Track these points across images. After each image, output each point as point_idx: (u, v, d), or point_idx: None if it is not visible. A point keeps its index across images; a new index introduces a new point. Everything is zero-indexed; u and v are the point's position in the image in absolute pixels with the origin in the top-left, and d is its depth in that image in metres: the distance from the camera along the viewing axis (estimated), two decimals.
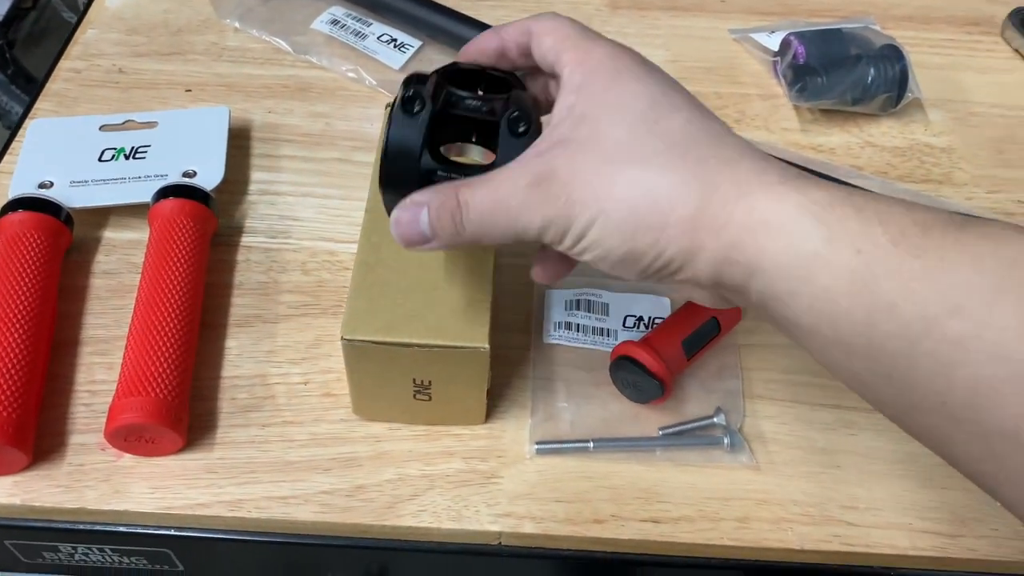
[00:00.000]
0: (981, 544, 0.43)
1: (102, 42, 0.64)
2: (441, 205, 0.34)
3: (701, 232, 0.31)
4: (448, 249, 0.36)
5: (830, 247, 0.29)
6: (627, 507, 0.43)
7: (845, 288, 0.29)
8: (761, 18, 0.69)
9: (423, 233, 0.34)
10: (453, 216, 0.34)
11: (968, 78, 0.66)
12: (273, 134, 0.59)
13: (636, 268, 0.33)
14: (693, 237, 0.31)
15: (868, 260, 0.29)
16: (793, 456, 0.45)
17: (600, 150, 0.33)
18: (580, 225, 0.32)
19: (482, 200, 0.33)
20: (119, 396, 0.43)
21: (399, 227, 0.35)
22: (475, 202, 0.33)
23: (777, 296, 0.31)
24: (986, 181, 0.59)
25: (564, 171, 0.33)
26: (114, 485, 0.43)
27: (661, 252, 0.32)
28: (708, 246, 0.31)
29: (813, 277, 0.30)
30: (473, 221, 0.34)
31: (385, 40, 0.65)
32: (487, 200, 0.33)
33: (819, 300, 0.30)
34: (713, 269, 0.32)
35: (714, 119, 0.34)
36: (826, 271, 0.29)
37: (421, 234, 0.35)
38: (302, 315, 0.49)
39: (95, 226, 0.53)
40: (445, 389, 0.43)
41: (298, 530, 0.43)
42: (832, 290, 0.29)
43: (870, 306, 0.29)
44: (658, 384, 0.44)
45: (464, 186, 0.34)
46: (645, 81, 0.34)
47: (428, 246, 0.35)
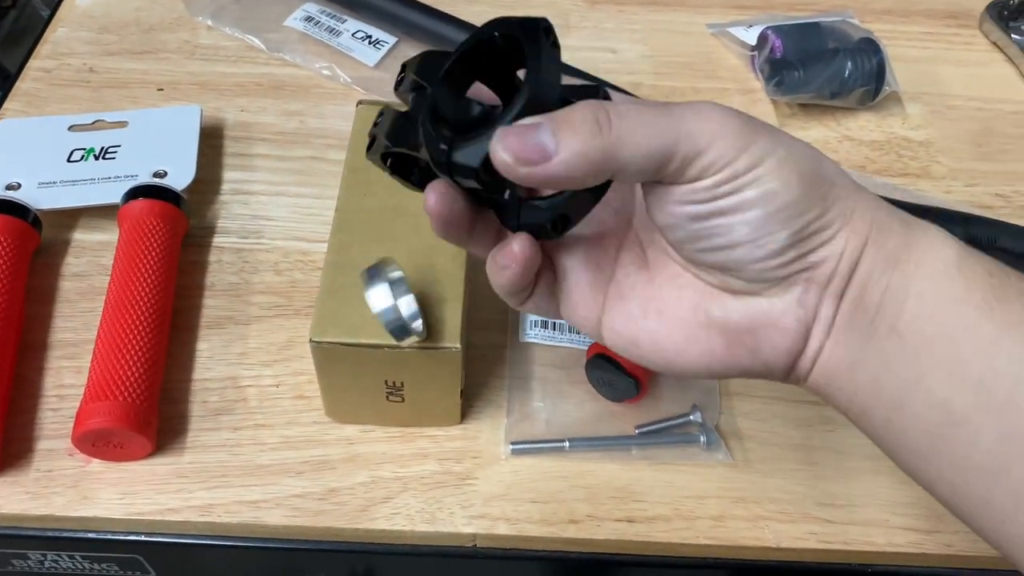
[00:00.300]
0: (957, 539, 0.42)
1: (72, 41, 0.63)
2: (574, 112, 0.28)
3: (861, 203, 0.30)
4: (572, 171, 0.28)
5: (967, 261, 0.29)
6: (603, 507, 0.43)
7: (976, 302, 0.29)
8: (739, 12, 0.69)
9: (543, 146, 0.28)
10: (596, 116, 0.28)
11: (946, 71, 0.66)
12: (246, 133, 0.58)
13: (793, 224, 0.29)
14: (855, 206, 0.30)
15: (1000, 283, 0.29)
16: (770, 453, 0.45)
17: None
18: (755, 153, 0.28)
19: (633, 106, 0.29)
20: (86, 400, 0.42)
21: (507, 145, 0.28)
22: (625, 106, 0.29)
23: (904, 297, 0.29)
24: (964, 174, 0.59)
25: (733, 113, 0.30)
26: (82, 491, 0.42)
27: (829, 207, 0.29)
28: (866, 217, 0.30)
29: (946, 284, 0.29)
30: (625, 119, 0.28)
31: (360, 37, 0.64)
32: (639, 106, 0.29)
33: (945, 307, 0.29)
34: (862, 245, 0.30)
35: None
36: (960, 280, 0.29)
37: (541, 147, 0.28)
38: (274, 316, 0.49)
39: (64, 228, 0.52)
40: (418, 390, 0.42)
41: (269, 534, 0.42)
42: (962, 300, 0.29)
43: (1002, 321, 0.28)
44: (633, 382, 0.44)
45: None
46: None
47: (548, 167, 0.28)
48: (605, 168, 0.28)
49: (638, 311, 0.33)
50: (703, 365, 0.32)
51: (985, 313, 0.28)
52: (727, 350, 0.31)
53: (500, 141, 0.28)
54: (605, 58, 0.65)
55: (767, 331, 0.31)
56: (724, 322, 0.31)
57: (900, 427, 0.30)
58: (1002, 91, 0.65)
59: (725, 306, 0.31)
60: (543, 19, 0.30)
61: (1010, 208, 0.57)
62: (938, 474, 0.30)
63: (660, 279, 0.33)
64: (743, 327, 0.31)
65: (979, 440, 0.28)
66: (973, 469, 0.29)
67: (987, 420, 0.28)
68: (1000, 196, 0.58)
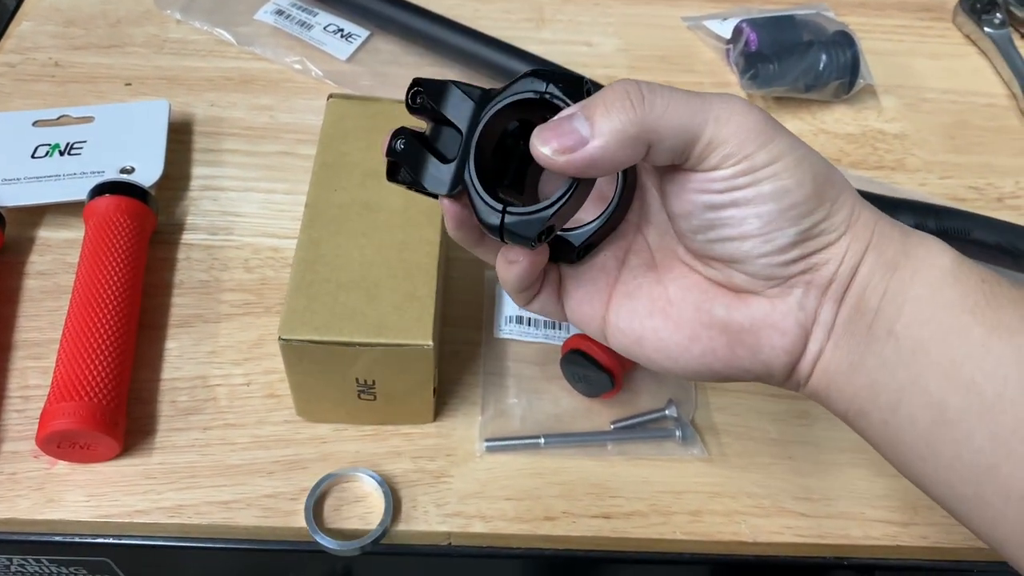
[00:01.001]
0: (932, 531, 0.42)
1: (38, 35, 0.62)
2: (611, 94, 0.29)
3: (864, 212, 0.31)
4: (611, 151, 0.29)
5: (961, 268, 0.30)
6: (579, 503, 0.42)
7: (969, 306, 0.29)
8: (714, 5, 0.69)
9: (578, 132, 0.29)
10: (630, 96, 0.29)
11: (920, 64, 0.66)
12: (216, 128, 0.57)
13: (801, 222, 0.30)
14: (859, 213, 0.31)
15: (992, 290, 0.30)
16: (745, 447, 0.45)
17: None
18: (774, 149, 0.30)
19: (664, 86, 0.30)
20: (51, 401, 0.41)
21: (545, 139, 0.29)
22: (656, 85, 0.30)
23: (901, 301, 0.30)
24: (938, 167, 0.59)
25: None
26: (48, 493, 0.41)
27: (836, 211, 0.30)
28: (869, 224, 0.31)
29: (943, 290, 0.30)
30: (658, 95, 0.29)
31: (332, 30, 0.63)
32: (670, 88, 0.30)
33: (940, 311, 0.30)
34: (863, 250, 0.31)
35: None
36: (955, 287, 0.30)
37: (576, 133, 0.29)
38: (244, 314, 0.48)
39: (29, 225, 0.51)
40: (390, 388, 0.42)
41: (240, 535, 0.42)
42: (956, 305, 0.30)
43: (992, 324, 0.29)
44: (608, 377, 0.43)
45: None
46: None
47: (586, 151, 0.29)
48: (642, 141, 0.29)
49: (644, 310, 0.34)
50: (705, 365, 0.33)
51: (977, 317, 0.29)
52: (728, 350, 0.32)
53: (537, 137, 0.29)
54: (580, 51, 0.65)
55: (768, 332, 0.31)
56: (726, 321, 0.32)
57: (897, 429, 0.31)
58: (975, 84, 0.65)
59: (728, 305, 0.32)
60: (585, 78, 0.31)
61: (983, 200, 0.57)
62: (934, 475, 0.30)
63: (667, 279, 0.34)
64: (744, 327, 0.32)
65: (971, 440, 0.29)
66: (966, 468, 0.29)
67: (978, 420, 0.29)
68: (974, 188, 0.58)
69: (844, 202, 0.31)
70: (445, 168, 0.33)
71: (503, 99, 0.32)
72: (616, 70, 0.63)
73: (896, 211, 0.49)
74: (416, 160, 0.33)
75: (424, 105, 0.33)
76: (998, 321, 0.29)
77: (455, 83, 0.33)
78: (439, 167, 0.33)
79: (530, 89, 0.31)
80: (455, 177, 0.32)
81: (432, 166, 0.33)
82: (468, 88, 0.33)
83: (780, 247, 0.30)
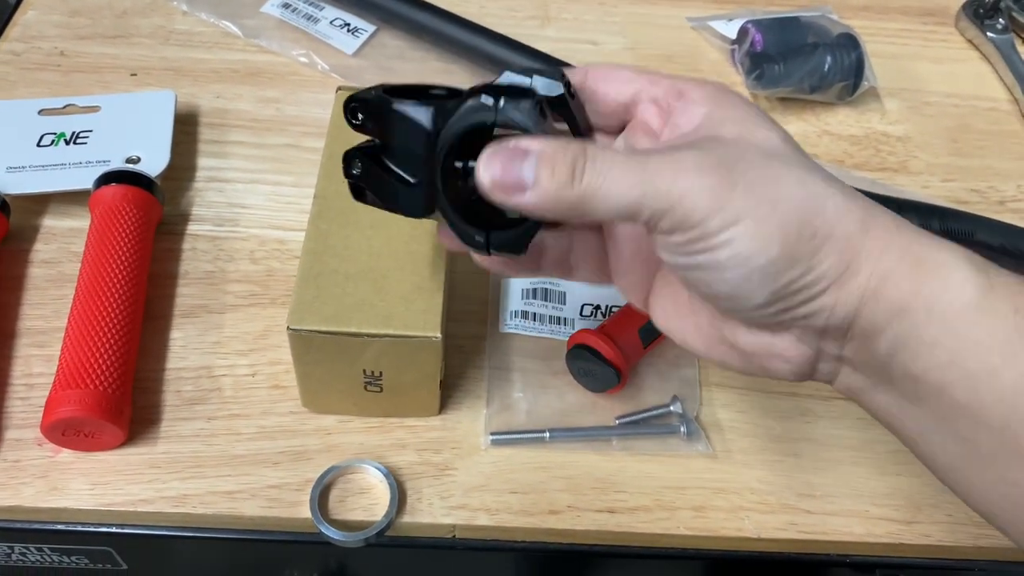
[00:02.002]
0: (935, 530, 0.43)
1: (43, 24, 0.62)
2: (561, 148, 0.29)
3: (862, 254, 0.28)
4: (542, 209, 0.29)
5: (989, 299, 0.27)
6: (583, 497, 0.42)
7: (999, 346, 0.27)
8: (719, 6, 0.69)
9: (522, 179, 0.28)
10: (575, 163, 0.28)
11: (923, 68, 0.66)
12: (222, 120, 0.57)
13: (772, 284, 0.28)
14: (853, 257, 0.28)
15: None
16: (750, 444, 0.45)
17: (756, 146, 0.29)
18: (730, 213, 0.27)
19: (614, 157, 0.29)
20: (56, 389, 0.41)
21: (490, 168, 0.29)
22: (605, 156, 0.29)
23: (916, 345, 0.28)
24: (941, 169, 0.59)
25: (717, 150, 0.29)
26: (52, 481, 0.41)
27: (815, 265, 0.28)
28: (863, 271, 0.28)
29: (964, 327, 0.27)
30: (596, 175, 0.28)
31: (338, 24, 0.63)
32: (618, 157, 0.29)
33: (964, 353, 0.27)
34: (856, 303, 0.28)
35: None
36: (981, 323, 0.27)
37: (519, 179, 0.28)
38: (250, 305, 0.48)
39: (34, 214, 0.51)
40: (397, 380, 0.42)
41: (245, 525, 0.41)
42: (983, 344, 0.27)
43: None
44: (614, 372, 0.43)
45: (588, 143, 0.29)
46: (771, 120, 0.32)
47: (520, 199, 0.29)
48: (572, 215, 0.29)
49: (672, 309, 0.34)
50: (725, 366, 0.33)
51: (1007, 360, 0.27)
52: (742, 362, 0.33)
53: (486, 162, 0.29)
54: (586, 49, 0.65)
55: (773, 359, 0.31)
56: (734, 343, 0.32)
57: (929, 448, 0.30)
58: (978, 88, 0.65)
59: (734, 331, 0.32)
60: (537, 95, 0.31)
61: (985, 203, 0.58)
62: (969, 495, 0.30)
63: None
64: (750, 351, 0.32)
65: (1007, 474, 0.28)
66: (1003, 498, 0.29)
67: (1014, 459, 0.27)
68: (976, 191, 0.58)
69: (830, 251, 0.28)
70: (413, 192, 0.32)
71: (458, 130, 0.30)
72: None
73: (901, 212, 0.49)
74: (379, 182, 0.32)
75: (365, 124, 0.32)
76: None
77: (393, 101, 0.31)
78: (406, 192, 0.32)
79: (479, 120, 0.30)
80: (426, 201, 0.32)
81: (400, 189, 0.32)
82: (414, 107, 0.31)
83: (756, 304, 0.29)
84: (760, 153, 0.29)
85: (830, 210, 0.28)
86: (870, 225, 0.28)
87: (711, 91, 0.32)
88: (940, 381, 0.28)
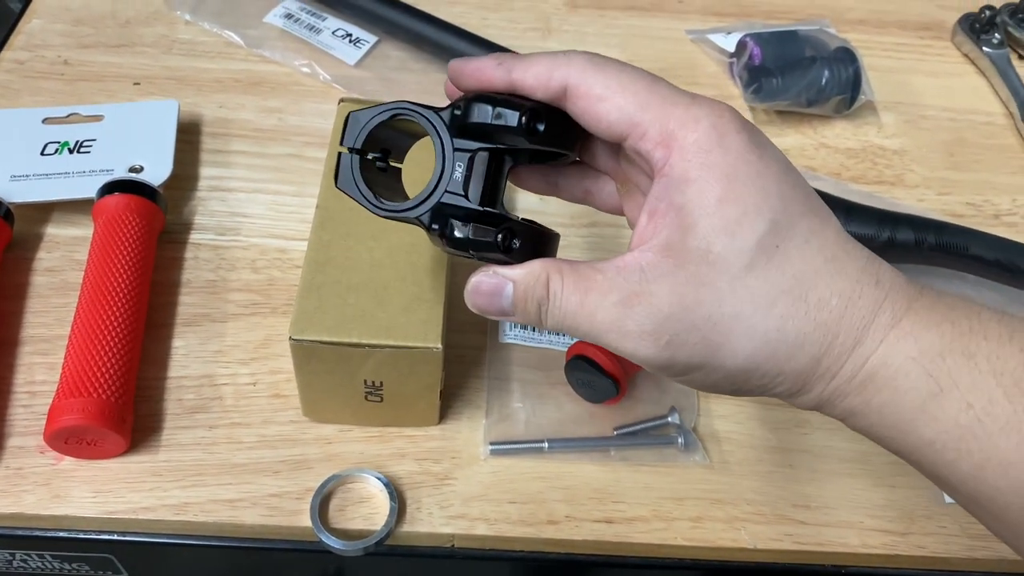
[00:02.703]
0: (929, 541, 0.43)
1: (47, 33, 0.62)
2: (530, 288, 0.32)
3: (812, 380, 0.30)
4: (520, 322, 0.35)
5: (937, 402, 0.28)
6: (581, 507, 0.43)
7: (952, 444, 0.28)
8: (718, 19, 0.69)
9: (503, 308, 0.32)
10: (540, 305, 0.31)
11: (919, 82, 0.67)
12: (224, 129, 0.58)
13: (732, 390, 0.31)
14: (804, 384, 0.30)
15: (980, 415, 0.28)
16: (747, 455, 0.45)
17: (712, 283, 0.29)
18: (680, 364, 0.30)
19: (569, 300, 0.31)
20: (59, 397, 0.41)
21: (478, 295, 0.33)
22: (563, 299, 0.31)
23: (877, 436, 0.31)
24: (936, 183, 0.60)
25: (666, 302, 0.29)
26: (54, 489, 0.41)
27: (767, 390, 0.31)
28: (815, 390, 0.30)
29: (916, 430, 0.29)
30: (556, 318, 0.31)
31: (340, 35, 0.64)
32: (574, 302, 0.31)
33: (921, 449, 0.29)
34: (814, 405, 0.31)
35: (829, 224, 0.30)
36: (931, 426, 0.28)
37: (501, 309, 0.32)
38: (251, 314, 0.48)
39: (37, 222, 0.51)
40: (397, 390, 0.42)
41: (245, 534, 0.42)
42: (936, 443, 0.29)
43: (981, 461, 0.28)
44: (612, 383, 0.44)
45: (556, 272, 0.31)
46: (763, 177, 0.29)
47: (504, 319, 0.33)
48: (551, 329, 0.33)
49: None
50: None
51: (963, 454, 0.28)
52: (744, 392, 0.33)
53: (473, 296, 0.33)
54: None
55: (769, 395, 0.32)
56: None
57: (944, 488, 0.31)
58: (973, 102, 0.66)
59: None
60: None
61: (980, 217, 0.58)
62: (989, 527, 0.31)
63: None
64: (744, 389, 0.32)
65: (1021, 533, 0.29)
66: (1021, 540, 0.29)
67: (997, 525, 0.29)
68: (971, 205, 0.59)
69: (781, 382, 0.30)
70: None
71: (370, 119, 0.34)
72: None
73: (897, 226, 0.50)
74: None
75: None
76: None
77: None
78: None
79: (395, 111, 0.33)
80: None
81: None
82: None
83: (728, 390, 0.31)
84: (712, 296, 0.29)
85: (781, 354, 0.29)
86: (824, 355, 0.29)
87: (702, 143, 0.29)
88: (913, 459, 0.30)
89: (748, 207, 0.29)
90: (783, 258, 0.29)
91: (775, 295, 0.29)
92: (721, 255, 0.29)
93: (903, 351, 0.29)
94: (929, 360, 0.28)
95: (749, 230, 0.29)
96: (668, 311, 0.29)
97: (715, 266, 0.29)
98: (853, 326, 0.29)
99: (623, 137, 0.31)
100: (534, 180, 0.38)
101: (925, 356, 0.29)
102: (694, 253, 0.29)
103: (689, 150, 0.29)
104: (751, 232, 0.29)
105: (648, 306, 0.29)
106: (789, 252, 0.29)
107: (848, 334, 0.29)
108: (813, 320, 0.29)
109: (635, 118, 0.30)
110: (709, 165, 0.29)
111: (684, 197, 0.29)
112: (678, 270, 0.29)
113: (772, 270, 0.29)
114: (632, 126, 0.30)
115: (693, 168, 0.29)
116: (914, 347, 0.29)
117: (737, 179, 0.29)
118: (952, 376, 0.28)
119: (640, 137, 0.30)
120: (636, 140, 0.30)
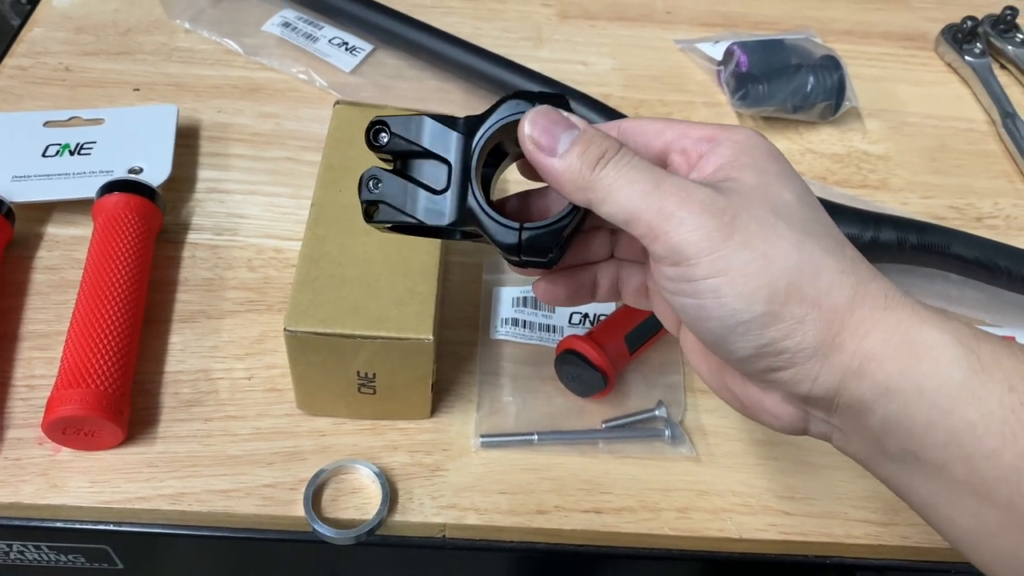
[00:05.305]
0: (913, 531, 0.44)
1: (49, 40, 0.64)
2: (597, 139, 0.30)
3: (847, 331, 0.28)
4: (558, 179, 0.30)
5: (980, 379, 0.27)
6: (570, 498, 0.44)
7: (996, 427, 0.26)
8: (706, 29, 0.71)
9: (556, 144, 0.30)
10: (604, 154, 0.29)
11: (903, 90, 0.68)
12: (222, 133, 0.59)
13: (756, 340, 0.28)
14: (837, 332, 0.28)
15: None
16: (732, 448, 0.46)
17: (769, 199, 0.29)
18: (719, 262, 0.28)
19: (637, 164, 0.29)
20: (58, 388, 0.42)
21: (536, 124, 0.30)
22: (629, 161, 0.29)
23: (908, 425, 0.28)
24: (920, 187, 0.61)
25: (728, 195, 0.29)
26: (51, 479, 0.42)
27: (799, 331, 0.28)
28: (847, 347, 0.28)
29: (959, 409, 0.27)
30: (618, 172, 0.29)
31: (336, 43, 0.65)
32: (642, 166, 0.29)
33: (961, 435, 0.27)
34: (838, 378, 0.28)
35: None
36: (975, 405, 0.26)
37: (554, 143, 0.30)
38: (247, 311, 0.49)
39: (38, 222, 0.52)
40: (390, 382, 0.43)
41: (239, 523, 0.42)
42: (979, 427, 0.26)
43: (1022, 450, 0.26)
44: (600, 376, 0.45)
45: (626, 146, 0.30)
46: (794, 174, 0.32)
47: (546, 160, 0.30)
48: (581, 198, 0.30)
49: (693, 343, 0.34)
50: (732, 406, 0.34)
51: (1008, 440, 0.26)
52: (741, 408, 0.33)
53: (533, 117, 0.30)
54: (577, 70, 0.67)
55: (764, 413, 0.32)
56: (731, 389, 0.33)
57: (937, 519, 0.30)
58: (956, 110, 0.67)
59: (732, 378, 0.33)
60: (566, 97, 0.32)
61: (963, 220, 0.59)
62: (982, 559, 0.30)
63: None
64: (745, 402, 0.33)
65: (1018, 552, 0.27)
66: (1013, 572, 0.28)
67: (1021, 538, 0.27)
68: (953, 208, 0.60)
69: (815, 321, 0.28)
70: (440, 199, 0.33)
71: (496, 122, 0.32)
72: (611, 88, 0.65)
73: (880, 226, 0.51)
74: (401, 197, 0.33)
75: (392, 144, 0.33)
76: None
77: (430, 115, 0.33)
78: (432, 199, 0.33)
79: (519, 112, 0.32)
80: (458, 206, 0.33)
81: (424, 199, 0.33)
82: (445, 118, 0.33)
83: (741, 358, 0.29)
84: (769, 208, 0.29)
85: (823, 279, 0.28)
86: (858, 302, 0.28)
87: (743, 137, 0.32)
88: (939, 459, 0.28)
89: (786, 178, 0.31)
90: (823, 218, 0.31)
91: (819, 233, 0.29)
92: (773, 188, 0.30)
93: (939, 323, 0.28)
94: (969, 337, 0.28)
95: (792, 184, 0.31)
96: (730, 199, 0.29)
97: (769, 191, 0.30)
98: (885, 291, 0.29)
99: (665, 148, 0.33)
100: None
101: (963, 333, 0.28)
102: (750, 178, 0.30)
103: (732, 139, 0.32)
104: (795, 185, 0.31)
105: (715, 189, 0.29)
106: (825, 218, 0.31)
107: (881, 295, 0.28)
108: (850, 264, 0.29)
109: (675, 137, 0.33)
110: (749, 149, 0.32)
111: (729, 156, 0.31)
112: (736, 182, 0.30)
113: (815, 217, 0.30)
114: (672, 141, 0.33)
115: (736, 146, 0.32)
116: (950, 324, 0.28)
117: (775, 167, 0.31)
118: (994, 356, 0.27)
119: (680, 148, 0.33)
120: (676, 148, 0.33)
